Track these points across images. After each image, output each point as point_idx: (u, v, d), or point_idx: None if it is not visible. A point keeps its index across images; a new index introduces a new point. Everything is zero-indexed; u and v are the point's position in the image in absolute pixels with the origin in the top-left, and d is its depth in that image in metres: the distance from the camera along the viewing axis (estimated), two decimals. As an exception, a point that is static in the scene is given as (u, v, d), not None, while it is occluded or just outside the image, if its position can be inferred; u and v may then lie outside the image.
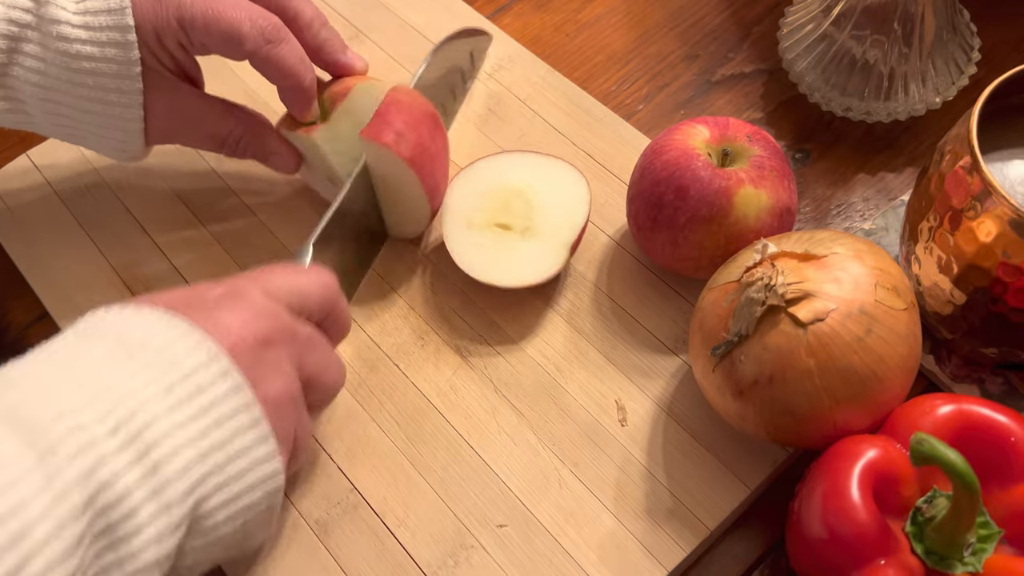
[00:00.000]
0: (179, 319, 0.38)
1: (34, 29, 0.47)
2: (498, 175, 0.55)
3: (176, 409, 0.36)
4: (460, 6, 0.68)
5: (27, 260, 0.58)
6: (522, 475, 0.49)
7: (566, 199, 0.54)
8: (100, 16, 0.47)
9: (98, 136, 0.51)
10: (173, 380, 0.36)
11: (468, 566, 0.46)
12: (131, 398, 0.35)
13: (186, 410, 0.36)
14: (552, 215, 0.53)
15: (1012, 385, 0.50)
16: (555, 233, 0.53)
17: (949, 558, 0.39)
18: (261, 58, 0.50)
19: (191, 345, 0.37)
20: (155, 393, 0.36)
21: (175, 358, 0.37)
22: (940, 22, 0.57)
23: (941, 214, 0.45)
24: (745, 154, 0.50)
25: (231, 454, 0.37)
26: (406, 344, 0.53)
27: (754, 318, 0.42)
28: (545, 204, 0.54)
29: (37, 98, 0.49)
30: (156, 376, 0.36)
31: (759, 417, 0.43)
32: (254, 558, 0.47)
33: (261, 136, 0.54)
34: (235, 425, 0.37)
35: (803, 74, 0.60)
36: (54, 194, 0.61)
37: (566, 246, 0.52)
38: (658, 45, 0.67)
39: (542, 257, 0.52)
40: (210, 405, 0.37)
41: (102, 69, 0.48)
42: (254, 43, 0.49)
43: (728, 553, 0.48)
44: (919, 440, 0.36)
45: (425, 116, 0.52)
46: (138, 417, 0.35)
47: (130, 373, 0.36)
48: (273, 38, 0.50)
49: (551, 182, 0.54)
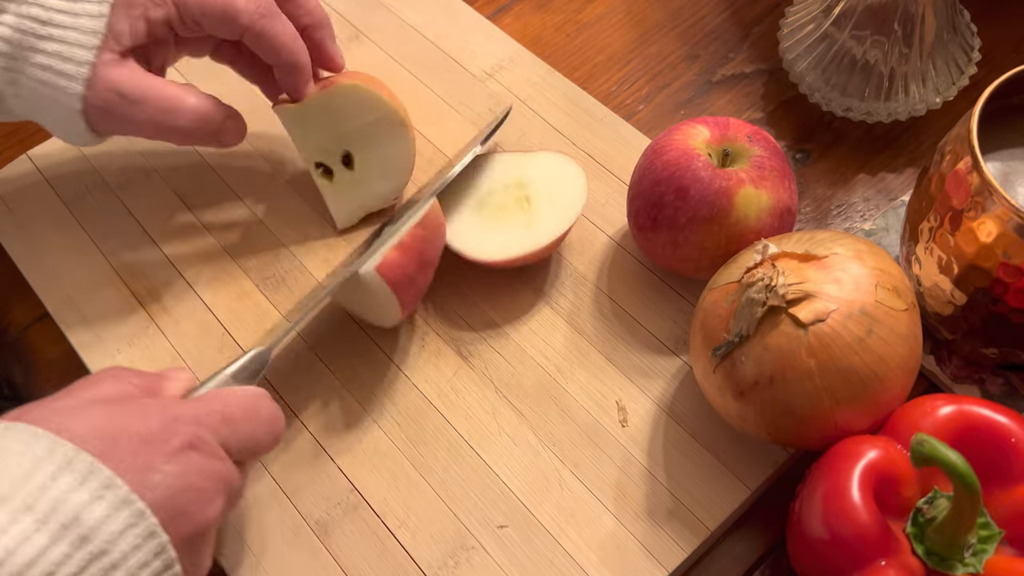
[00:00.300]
0: (141, 511, 0.35)
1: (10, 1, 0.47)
2: (496, 172, 0.55)
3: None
4: (460, 6, 0.68)
5: (27, 260, 0.58)
6: (523, 476, 0.49)
7: (563, 187, 0.54)
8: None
9: (46, 114, 0.50)
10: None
11: (469, 567, 0.46)
12: None
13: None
14: (550, 200, 0.54)
15: (1012, 386, 0.50)
16: (551, 214, 0.53)
17: (950, 559, 0.39)
18: (256, 32, 0.50)
19: (140, 537, 0.35)
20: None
21: (123, 556, 0.35)
22: (940, 22, 0.57)
23: (941, 214, 0.45)
24: (745, 154, 0.50)
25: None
26: (407, 345, 0.53)
27: (755, 319, 0.42)
28: (542, 192, 0.54)
29: (1, 66, 0.48)
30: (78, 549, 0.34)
31: (760, 418, 0.43)
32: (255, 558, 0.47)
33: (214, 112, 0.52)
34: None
35: (803, 74, 0.60)
36: (54, 194, 0.61)
37: (559, 228, 0.53)
38: (658, 45, 0.67)
39: (536, 233, 0.53)
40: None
41: (67, 37, 0.47)
42: (249, 17, 0.49)
43: (729, 554, 0.48)
44: (920, 441, 0.36)
45: (434, 249, 0.50)
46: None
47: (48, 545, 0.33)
48: (267, 11, 0.50)
49: (548, 173, 0.55)
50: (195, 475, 0.38)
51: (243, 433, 0.41)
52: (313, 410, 0.51)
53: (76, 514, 0.34)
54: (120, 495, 0.35)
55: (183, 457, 0.38)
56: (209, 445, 0.39)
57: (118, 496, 0.35)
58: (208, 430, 0.40)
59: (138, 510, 0.35)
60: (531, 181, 0.55)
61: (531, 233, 0.53)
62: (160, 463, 0.37)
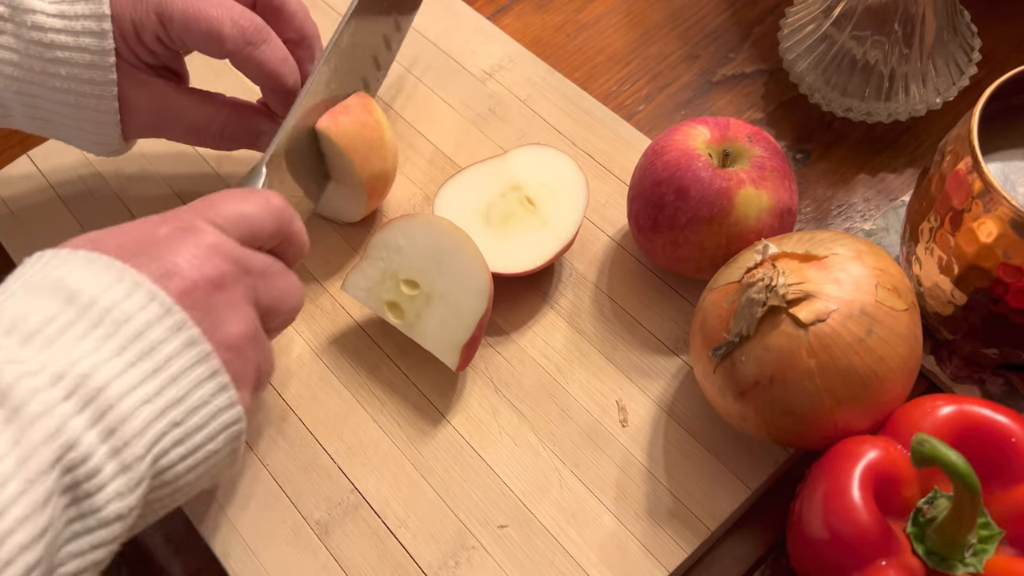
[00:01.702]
0: (129, 270, 0.37)
1: (7, 20, 0.47)
2: (496, 175, 0.55)
3: (130, 370, 0.36)
4: (460, 6, 0.68)
5: (27, 260, 0.58)
6: (523, 475, 0.49)
7: (558, 176, 0.54)
8: (77, 4, 0.47)
9: (73, 129, 0.51)
10: (125, 340, 0.36)
11: (469, 567, 0.46)
12: (84, 361, 0.35)
13: (141, 370, 0.36)
14: (551, 194, 0.54)
15: (1013, 386, 0.50)
16: (560, 206, 0.53)
17: (950, 559, 0.39)
18: (242, 59, 0.50)
19: (142, 300, 0.37)
20: (108, 355, 0.35)
21: (126, 315, 0.36)
22: (941, 23, 0.57)
23: (942, 215, 0.45)
24: (746, 154, 0.50)
25: (190, 408, 0.37)
26: (406, 344, 0.53)
27: (755, 319, 0.42)
28: (540, 188, 0.54)
29: (12, 91, 0.49)
30: (108, 336, 0.36)
31: (760, 418, 0.43)
32: (255, 558, 0.47)
33: (246, 119, 0.53)
34: (192, 379, 0.37)
35: (804, 75, 0.60)
36: (55, 195, 0.61)
37: (566, 236, 0.53)
38: (659, 45, 0.67)
39: (555, 229, 0.53)
40: (166, 362, 0.37)
41: (76, 59, 0.48)
42: (234, 43, 0.49)
43: (729, 554, 0.48)
44: (920, 441, 0.36)
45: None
46: (92, 381, 0.35)
47: (81, 334, 0.36)
48: (254, 39, 0.49)
49: (536, 166, 0.55)
50: (181, 245, 0.39)
51: (231, 211, 0.42)
52: (313, 410, 0.52)
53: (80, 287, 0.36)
54: (103, 262, 0.37)
55: (168, 237, 0.40)
56: (194, 223, 0.40)
57: (101, 262, 0.37)
58: (192, 215, 0.41)
59: (119, 267, 0.37)
60: (524, 180, 0.55)
61: (550, 231, 0.53)
62: (147, 244, 0.39)
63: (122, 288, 0.37)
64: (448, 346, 0.50)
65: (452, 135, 0.61)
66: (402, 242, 0.50)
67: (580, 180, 0.54)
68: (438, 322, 0.50)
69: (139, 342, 0.36)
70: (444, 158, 0.60)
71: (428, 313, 0.50)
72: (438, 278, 0.50)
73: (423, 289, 0.50)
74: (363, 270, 0.51)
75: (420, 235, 0.50)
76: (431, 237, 0.50)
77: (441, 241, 0.50)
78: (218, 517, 0.48)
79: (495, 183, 0.55)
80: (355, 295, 0.52)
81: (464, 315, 0.49)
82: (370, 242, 0.51)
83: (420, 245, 0.50)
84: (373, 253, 0.51)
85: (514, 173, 0.55)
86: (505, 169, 0.55)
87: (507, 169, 0.55)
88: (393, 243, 0.51)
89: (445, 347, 0.50)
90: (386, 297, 0.51)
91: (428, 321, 0.50)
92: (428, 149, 0.61)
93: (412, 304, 0.50)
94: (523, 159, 0.56)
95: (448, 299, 0.50)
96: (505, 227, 0.54)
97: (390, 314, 0.51)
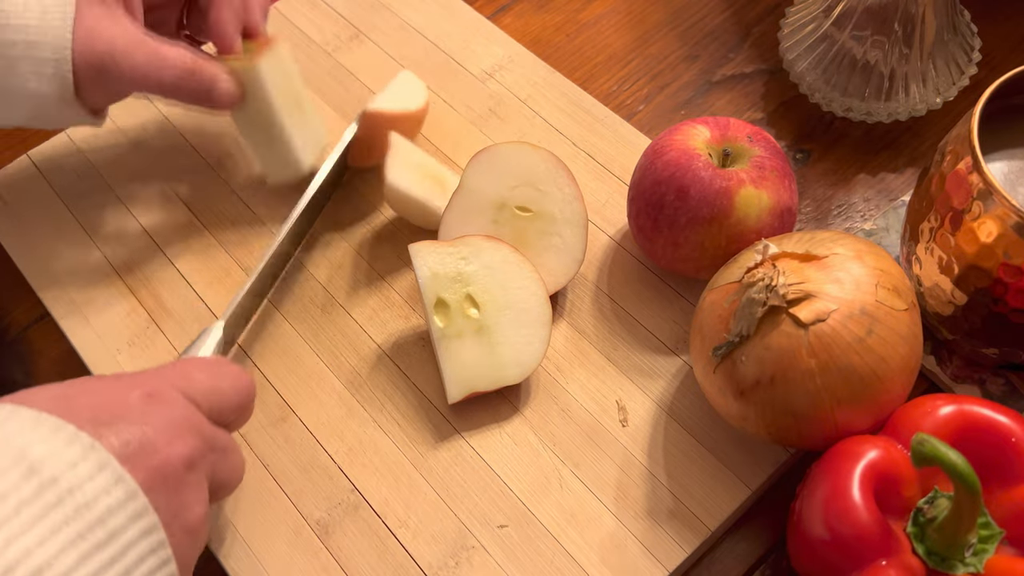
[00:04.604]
0: (97, 447, 0.35)
1: None
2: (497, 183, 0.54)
3: (86, 561, 0.34)
4: (460, 6, 0.68)
5: (27, 260, 0.58)
6: (523, 475, 0.49)
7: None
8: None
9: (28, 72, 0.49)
10: (84, 527, 0.34)
11: (469, 567, 0.46)
12: (38, 552, 0.33)
13: (97, 561, 0.34)
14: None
15: (1013, 386, 0.50)
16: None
17: (950, 559, 0.39)
18: None
19: (107, 482, 0.35)
20: (63, 543, 0.33)
21: (87, 499, 0.34)
22: (941, 22, 0.57)
23: (942, 215, 0.45)
24: (746, 154, 0.50)
25: None
26: (406, 344, 0.53)
27: (755, 319, 0.42)
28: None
29: None
30: (66, 521, 0.34)
31: (760, 418, 0.43)
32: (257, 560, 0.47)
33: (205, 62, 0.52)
34: (144, 570, 0.35)
35: (804, 74, 0.60)
36: (54, 194, 0.61)
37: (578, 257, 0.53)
38: (658, 45, 0.67)
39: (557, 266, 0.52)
40: (122, 552, 0.35)
41: None
42: None
43: (729, 553, 0.48)
44: (920, 441, 0.36)
45: None
46: (47, 571, 0.33)
47: (39, 515, 0.34)
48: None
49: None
50: (156, 417, 0.38)
51: (204, 385, 0.41)
52: (314, 411, 0.52)
53: (22, 449, 0.34)
54: (68, 432, 0.35)
55: (142, 404, 0.38)
56: (168, 393, 0.39)
57: (67, 433, 0.35)
58: (166, 383, 0.40)
59: (87, 442, 0.35)
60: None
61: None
62: (119, 411, 0.37)
63: (86, 468, 0.35)
64: (462, 383, 0.49)
65: (452, 135, 0.61)
66: (495, 265, 0.50)
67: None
68: (472, 357, 0.49)
69: (99, 529, 0.34)
70: (444, 158, 0.60)
71: (470, 342, 0.49)
72: (506, 325, 0.49)
73: (483, 319, 0.49)
74: (444, 250, 0.50)
75: (515, 280, 0.50)
76: (522, 290, 0.50)
77: (529, 303, 0.50)
78: (218, 517, 0.48)
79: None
80: (422, 258, 0.49)
81: (497, 370, 0.49)
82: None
83: (509, 286, 0.50)
84: (464, 246, 0.50)
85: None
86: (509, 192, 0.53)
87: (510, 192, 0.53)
88: (488, 259, 0.50)
89: (460, 382, 0.49)
90: (444, 294, 0.49)
91: (464, 347, 0.49)
92: (428, 148, 0.61)
93: (464, 322, 0.49)
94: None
95: (497, 346, 0.49)
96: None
97: (435, 310, 0.49)
